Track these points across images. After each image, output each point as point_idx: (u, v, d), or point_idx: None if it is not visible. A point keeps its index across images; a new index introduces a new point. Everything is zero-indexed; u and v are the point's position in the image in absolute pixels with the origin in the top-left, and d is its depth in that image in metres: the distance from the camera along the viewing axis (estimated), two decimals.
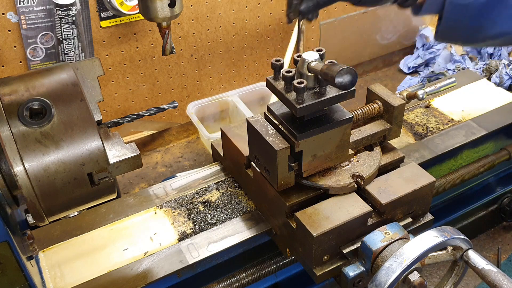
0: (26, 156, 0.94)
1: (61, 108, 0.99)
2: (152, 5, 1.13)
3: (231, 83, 2.91)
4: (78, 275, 1.29)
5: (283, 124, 1.21)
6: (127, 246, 1.37)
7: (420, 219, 1.39)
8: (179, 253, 1.34)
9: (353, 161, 1.34)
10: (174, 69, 2.66)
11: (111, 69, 2.47)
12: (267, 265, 1.49)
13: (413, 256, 1.11)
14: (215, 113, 2.76)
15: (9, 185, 1.01)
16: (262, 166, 1.29)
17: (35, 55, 2.21)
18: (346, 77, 1.01)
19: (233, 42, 2.76)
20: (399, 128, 1.42)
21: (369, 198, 1.30)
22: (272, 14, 2.78)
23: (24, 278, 1.11)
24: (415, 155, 1.63)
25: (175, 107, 1.57)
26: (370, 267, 1.21)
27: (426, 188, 1.32)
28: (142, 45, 2.49)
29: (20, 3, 2.07)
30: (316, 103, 1.11)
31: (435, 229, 1.16)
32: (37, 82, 1.02)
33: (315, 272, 1.25)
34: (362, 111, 1.39)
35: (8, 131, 0.94)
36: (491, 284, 1.11)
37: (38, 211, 0.99)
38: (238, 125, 1.49)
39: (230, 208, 1.47)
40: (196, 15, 2.55)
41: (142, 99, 2.67)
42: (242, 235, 1.39)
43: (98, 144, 0.99)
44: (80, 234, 1.40)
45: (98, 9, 2.26)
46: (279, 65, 1.16)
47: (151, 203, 1.50)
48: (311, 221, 1.21)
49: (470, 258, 1.18)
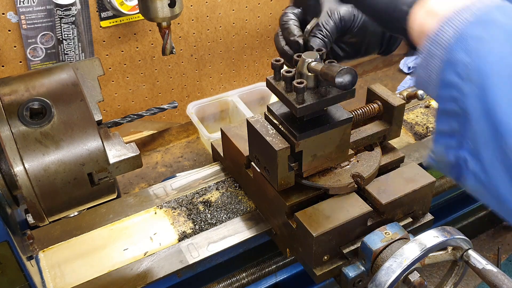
0: (26, 156, 0.94)
1: (61, 108, 0.99)
2: (152, 5, 1.13)
3: (231, 83, 2.91)
4: (78, 275, 1.29)
5: (283, 124, 1.21)
6: (127, 246, 1.37)
7: (420, 219, 1.39)
8: (179, 253, 1.34)
9: (353, 161, 1.34)
10: (174, 69, 2.66)
11: (111, 69, 2.47)
12: (267, 265, 1.49)
13: (413, 256, 1.11)
14: (215, 113, 2.76)
15: (9, 185, 1.01)
16: (262, 166, 1.29)
17: (35, 55, 2.21)
18: (346, 77, 1.01)
19: (233, 42, 2.76)
20: (399, 128, 1.42)
21: (369, 198, 1.30)
22: (272, 14, 2.78)
23: (24, 278, 1.11)
24: (415, 155, 1.63)
25: (175, 107, 1.57)
26: (370, 267, 1.21)
27: (426, 188, 1.32)
28: (142, 45, 2.49)
29: (20, 3, 2.07)
30: (316, 103, 1.11)
31: (435, 229, 1.16)
32: (37, 82, 1.02)
33: (315, 272, 1.25)
34: (362, 111, 1.39)
35: (8, 131, 0.94)
36: (491, 284, 1.11)
37: (38, 211, 0.99)
38: (238, 125, 1.49)
39: (230, 208, 1.47)
40: (196, 15, 2.55)
41: (142, 99, 2.67)
42: (242, 235, 1.39)
43: (98, 144, 0.99)
44: (80, 234, 1.40)
45: (98, 9, 2.26)
46: (279, 65, 1.16)
47: (151, 203, 1.50)
48: (311, 221, 1.21)
49: (470, 258, 1.18)
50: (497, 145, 0.73)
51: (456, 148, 0.80)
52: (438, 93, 0.81)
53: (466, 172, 0.80)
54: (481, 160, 0.76)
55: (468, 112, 0.76)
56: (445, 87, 0.79)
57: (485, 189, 0.79)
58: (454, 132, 0.80)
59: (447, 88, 0.79)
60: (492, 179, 0.76)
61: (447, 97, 0.79)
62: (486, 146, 0.75)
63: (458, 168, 0.81)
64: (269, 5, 2.74)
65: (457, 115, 0.78)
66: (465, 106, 0.76)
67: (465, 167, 0.80)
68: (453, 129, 0.80)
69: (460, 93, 0.76)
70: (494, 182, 0.76)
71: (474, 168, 0.78)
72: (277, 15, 2.79)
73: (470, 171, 0.79)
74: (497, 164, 0.74)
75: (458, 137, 0.79)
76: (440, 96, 0.81)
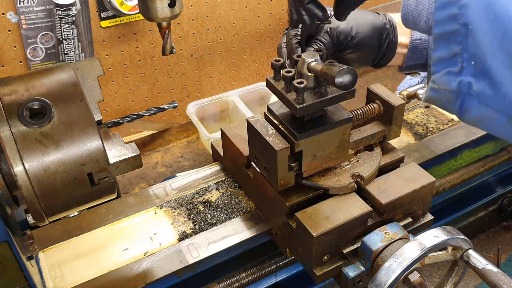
0: (26, 156, 0.94)
1: (61, 108, 0.99)
2: (152, 5, 1.13)
3: (231, 83, 2.91)
4: (78, 275, 1.29)
5: (283, 124, 1.21)
6: (127, 246, 1.37)
7: (420, 219, 1.39)
8: (179, 253, 1.34)
9: (353, 161, 1.34)
10: (174, 69, 2.66)
11: (111, 69, 2.47)
12: (267, 265, 1.49)
13: (413, 256, 1.11)
14: (215, 113, 2.76)
15: (9, 185, 1.01)
16: (262, 166, 1.29)
17: (35, 55, 2.21)
18: (346, 77, 1.01)
19: (233, 42, 2.76)
20: (399, 128, 1.42)
21: (369, 198, 1.30)
22: (272, 14, 2.78)
23: (24, 278, 1.11)
24: (415, 155, 1.63)
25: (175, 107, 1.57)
26: (370, 267, 1.21)
27: (426, 188, 1.32)
28: (142, 45, 2.49)
29: (20, 3, 2.07)
30: (316, 103, 1.11)
31: (435, 229, 1.16)
32: (37, 82, 1.02)
33: (315, 272, 1.25)
34: (362, 111, 1.39)
35: (8, 131, 0.95)
36: (491, 284, 1.11)
37: (38, 211, 0.99)
38: (238, 125, 1.49)
39: (230, 208, 1.47)
40: (196, 15, 2.55)
41: (142, 99, 2.67)
42: (242, 235, 1.39)
43: (98, 144, 0.99)
44: (80, 234, 1.40)
45: (98, 9, 2.26)
46: (279, 65, 1.16)
47: (151, 203, 1.50)
48: (311, 221, 1.21)
49: (470, 258, 1.18)
50: (507, 50, 0.71)
51: (458, 73, 0.79)
52: (434, 16, 0.81)
53: (469, 99, 0.79)
54: (489, 74, 0.74)
55: (472, 24, 0.75)
56: (442, 7, 0.79)
57: (493, 108, 0.76)
58: (455, 55, 0.79)
59: (444, 8, 0.79)
60: (503, 89, 0.73)
61: (445, 18, 0.79)
62: (495, 56, 0.73)
63: (460, 95, 0.80)
64: (269, 5, 2.74)
65: (457, 35, 0.77)
66: (468, 19, 0.75)
67: (468, 93, 0.79)
68: (453, 52, 0.79)
69: (460, 8, 0.76)
70: (505, 93, 0.73)
71: (478, 89, 0.76)
72: (277, 15, 2.79)
73: (474, 96, 0.78)
74: (509, 71, 0.72)
75: (459, 60, 0.79)
76: (437, 19, 0.80)
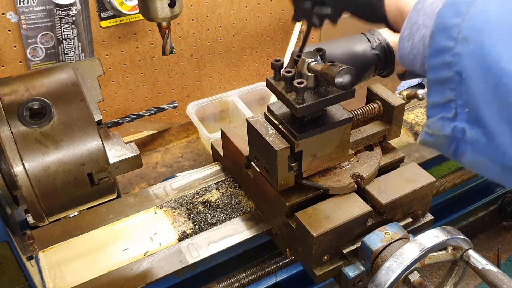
0: (26, 156, 0.94)
1: (61, 108, 0.99)
2: (152, 5, 1.13)
3: (231, 83, 2.91)
4: (78, 275, 1.29)
5: (283, 124, 1.21)
6: (127, 246, 1.37)
7: (420, 219, 1.39)
8: (179, 253, 1.34)
9: (353, 161, 1.34)
10: (174, 69, 2.66)
11: (111, 69, 2.47)
12: (267, 265, 1.49)
13: (413, 256, 1.11)
14: (215, 113, 2.76)
15: (9, 185, 1.01)
16: (262, 166, 1.29)
17: (35, 55, 2.21)
18: (346, 77, 1.01)
19: (233, 42, 2.76)
20: (399, 128, 1.42)
21: (369, 198, 1.30)
22: (272, 14, 2.78)
23: (24, 278, 1.11)
24: (415, 155, 1.63)
25: (175, 107, 1.57)
26: (370, 267, 1.21)
27: (426, 188, 1.32)
28: (142, 45, 2.49)
29: (20, 3, 2.07)
30: (316, 103, 1.11)
31: (435, 229, 1.16)
32: (37, 82, 1.02)
33: (315, 272, 1.25)
34: (362, 111, 1.39)
35: (8, 131, 0.94)
36: (491, 284, 1.11)
37: (38, 211, 0.99)
38: (238, 125, 1.49)
39: (230, 208, 1.47)
40: (196, 15, 2.55)
41: (142, 99, 2.67)
42: (242, 235, 1.39)
43: (98, 144, 0.99)
44: (80, 234, 1.40)
45: (98, 9, 2.26)
46: (279, 65, 1.16)
47: (151, 203, 1.50)
48: (311, 221, 1.21)
49: (470, 258, 1.18)
50: (500, 102, 0.70)
51: (452, 119, 0.78)
52: (429, 62, 0.80)
53: (463, 144, 0.78)
54: (482, 123, 0.73)
55: (465, 73, 0.74)
56: (436, 54, 0.78)
57: (487, 156, 0.76)
58: (449, 101, 0.78)
59: (438, 55, 0.78)
60: (496, 140, 0.72)
61: (439, 65, 0.78)
62: (488, 106, 0.72)
63: (454, 141, 0.79)
64: (269, 5, 2.74)
65: (451, 82, 0.77)
66: (461, 68, 0.74)
67: (462, 139, 0.78)
68: (447, 98, 0.78)
69: (454, 56, 0.75)
70: (498, 143, 0.72)
71: (472, 136, 0.76)
72: (277, 15, 2.79)
73: (468, 142, 0.77)
74: (502, 122, 0.71)
75: (453, 106, 0.78)
76: (431, 65, 0.79)
